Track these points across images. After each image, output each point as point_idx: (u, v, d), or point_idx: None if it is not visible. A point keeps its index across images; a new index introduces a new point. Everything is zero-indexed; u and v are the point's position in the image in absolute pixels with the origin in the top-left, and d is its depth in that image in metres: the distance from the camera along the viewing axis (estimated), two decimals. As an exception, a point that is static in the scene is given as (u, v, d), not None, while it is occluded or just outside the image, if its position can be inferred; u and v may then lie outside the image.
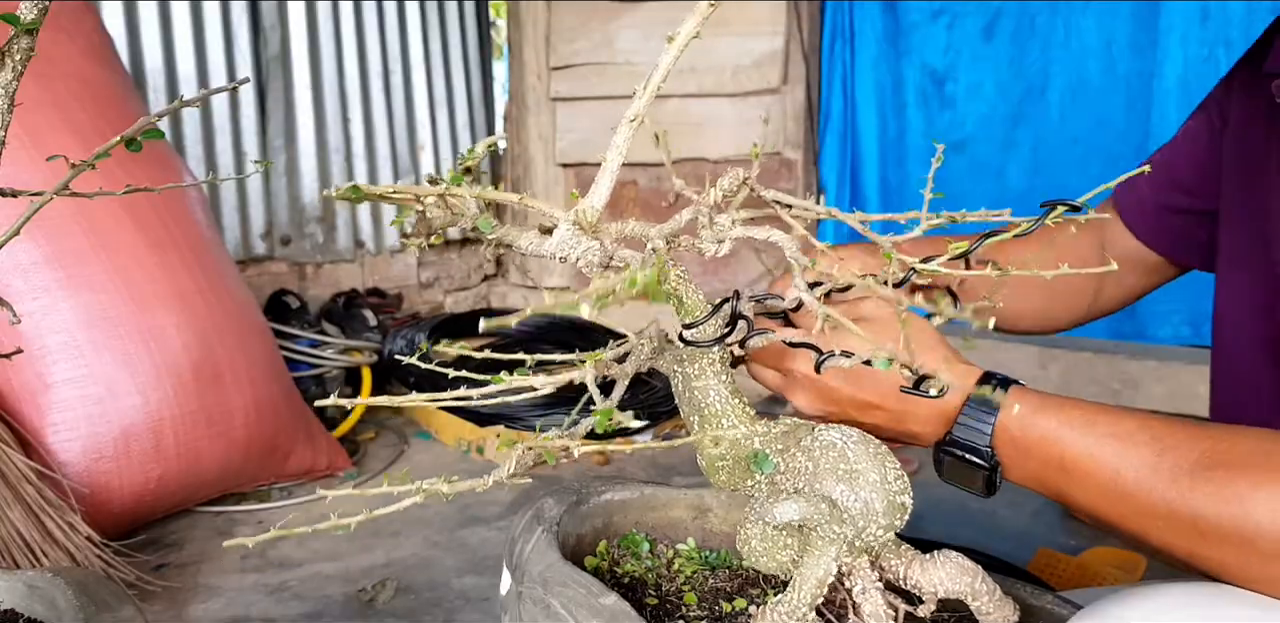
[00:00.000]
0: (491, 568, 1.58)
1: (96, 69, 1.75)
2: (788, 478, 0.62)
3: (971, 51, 2.53)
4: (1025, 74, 2.47)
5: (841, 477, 0.60)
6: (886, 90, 2.66)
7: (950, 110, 2.59)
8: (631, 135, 0.54)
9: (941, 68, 2.58)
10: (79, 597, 0.71)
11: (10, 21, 0.43)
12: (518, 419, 2.18)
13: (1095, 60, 2.37)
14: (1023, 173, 2.52)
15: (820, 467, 0.61)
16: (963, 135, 2.57)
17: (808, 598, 0.58)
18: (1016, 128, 2.50)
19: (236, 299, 1.80)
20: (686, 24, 0.51)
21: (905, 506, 0.60)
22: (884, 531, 0.60)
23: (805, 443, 0.62)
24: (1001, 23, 2.47)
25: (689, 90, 2.72)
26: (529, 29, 3.04)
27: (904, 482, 0.60)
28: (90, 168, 0.49)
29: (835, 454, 0.61)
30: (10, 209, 1.29)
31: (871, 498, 0.59)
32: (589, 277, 0.62)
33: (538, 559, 0.64)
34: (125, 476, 1.55)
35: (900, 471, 0.61)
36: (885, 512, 0.59)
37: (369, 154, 2.92)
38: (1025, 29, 2.44)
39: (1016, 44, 2.46)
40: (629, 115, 0.54)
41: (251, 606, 1.46)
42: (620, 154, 0.55)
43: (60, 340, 1.52)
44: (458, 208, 0.56)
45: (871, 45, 2.65)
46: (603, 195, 0.56)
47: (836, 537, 0.59)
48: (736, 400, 0.66)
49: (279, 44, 2.66)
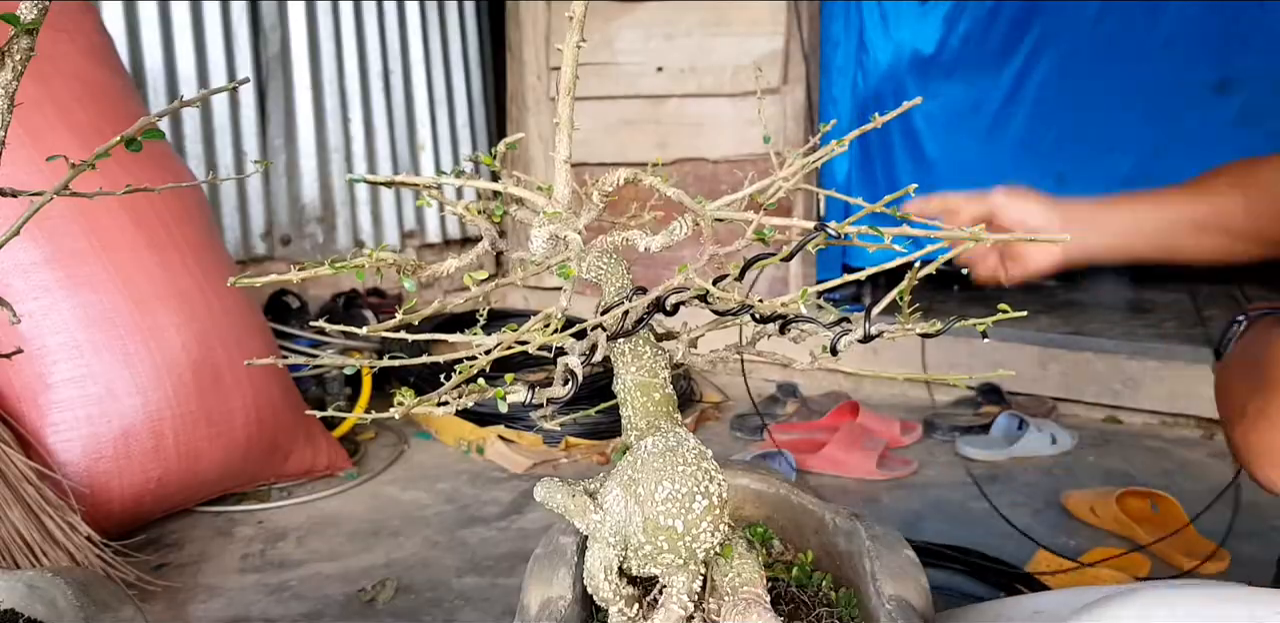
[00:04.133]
0: (491, 568, 1.58)
1: (96, 69, 1.75)
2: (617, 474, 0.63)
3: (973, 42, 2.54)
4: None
5: (623, 482, 0.60)
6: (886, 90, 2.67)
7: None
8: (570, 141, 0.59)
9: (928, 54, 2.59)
10: (79, 597, 0.71)
11: (10, 21, 0.43)
12: (517, 419, 2.18)
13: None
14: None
15: (620, 468, 0.62)
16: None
17: (594, 582, 0.61)
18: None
19: (236, 299, 1.80)
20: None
21: (671, 528, 0.58)
22: (653, 548, 0.59)
23: (639, 444, 0.63)
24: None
25: (689, 90, 2.72)
26: (529, 29, 3.04)
27: (682, 506, 0.58)
28: (90, 168, 0.49)
29: (632, 459, 0.61)
30: (10, 209, 1.29)
31: (633, 510, 0.59)
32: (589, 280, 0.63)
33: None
34: (125, 476, 1.55)
35: (693, 497, 0.59)
36: (644, 528, 0.59)
37: (369, 154, 2.92)
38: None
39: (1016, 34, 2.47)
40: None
41: (251, 606, 1.46)
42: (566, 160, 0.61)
43: (60, 340, 1.52)
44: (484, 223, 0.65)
45: (871, 42, 2.65)
46: (563, 193, 0.62)
47: (601, 540, 0.60)
48: (639, 392, 0.66)
49: (279, 44, 2.66)
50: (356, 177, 0.63)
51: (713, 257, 0.64)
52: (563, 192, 0.61)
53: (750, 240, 0.63)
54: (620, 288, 0.65)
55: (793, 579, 0.74)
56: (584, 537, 0.68)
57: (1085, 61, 2.73)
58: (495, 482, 2.00)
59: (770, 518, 0.81)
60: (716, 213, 0.62)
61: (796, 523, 0.79)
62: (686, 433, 0.64)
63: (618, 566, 0.60)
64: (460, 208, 0.67)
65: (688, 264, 0.61)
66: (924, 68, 2.70)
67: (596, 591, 0.60)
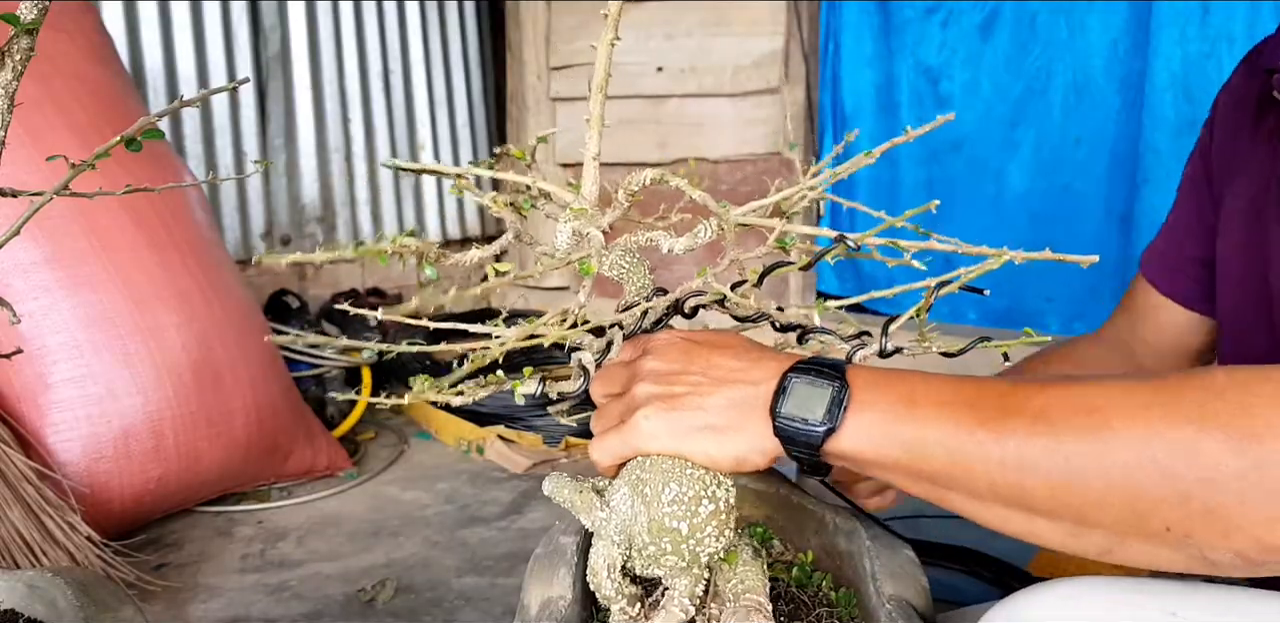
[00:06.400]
0: (491, 568, 1.58)
1: (96, 69, 1.75)
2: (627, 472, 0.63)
3: (967, 50, 2.53)
4: (1023, 73, 2.46)
5: (631, 481, 0.60)
6: (879, 89, 2.66)
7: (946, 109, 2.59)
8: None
9: (936, 66, 2.58)
10: (79, 597, 0.71)
11: (10, 21, 0.43)
12: (518, 419, 2.18)
13: (1097, 58, 2.36)
14: (1023, 173, 2.51)
15: (629, 467, 0.61)
16: (959, 135, 2.56)
17: (596, 579, 0.61)
18: (1015, 128, 2.50)
19: (236, 299, 1.80)
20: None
21: (676, 530, 0.58)
22: (657, 549, 0.59)
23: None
24: (999, 21, 2.47)
25: (689, 90, 2.72)
26: (529, 29, 3.04)
27: (688, 510, 0.58)
28: (90, 168, 0.49)
29: (641, 459, 0.61)
30: (10, 209, 1.29)
31: (639, 510, 0.59)
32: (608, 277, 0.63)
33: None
34: (125, 476, 1.55)
35: (699, 501, 0.59)
36: (649, 529, 0.59)
37: (369, 154, 2.92)
38: (1025, 27, 2.44)
39: (1015, 42, 2.46)
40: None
41: (251, 606, 1.46)
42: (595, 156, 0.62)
43: (60, 340, 1.52)
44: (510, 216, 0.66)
45: (863, 44, 2.65)
46: (591, 190, 0.62)
47: (606, 537, 0.61)
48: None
49: (279, 44, 2.66)
50: (390, 162, 0.64)
51: (733, 261, 0.64)
52: (591, 189, 0.61)
53: (771, 247, 0.63)
54: (641, 287, 0.65)
55: (793, 579, 0.74)
56: (585, 537, 0.68)
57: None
58: (495, 482, 2.00)
59: (770, 518, 0.81)
60: (741, 219, 0.62)
61: (796, 523, 0.79)
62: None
63: (621, 564, 0.60)
64: (487, 199, 0.67)
65: (707, 268, 0.61)
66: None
67: (599, 588, 0.60)
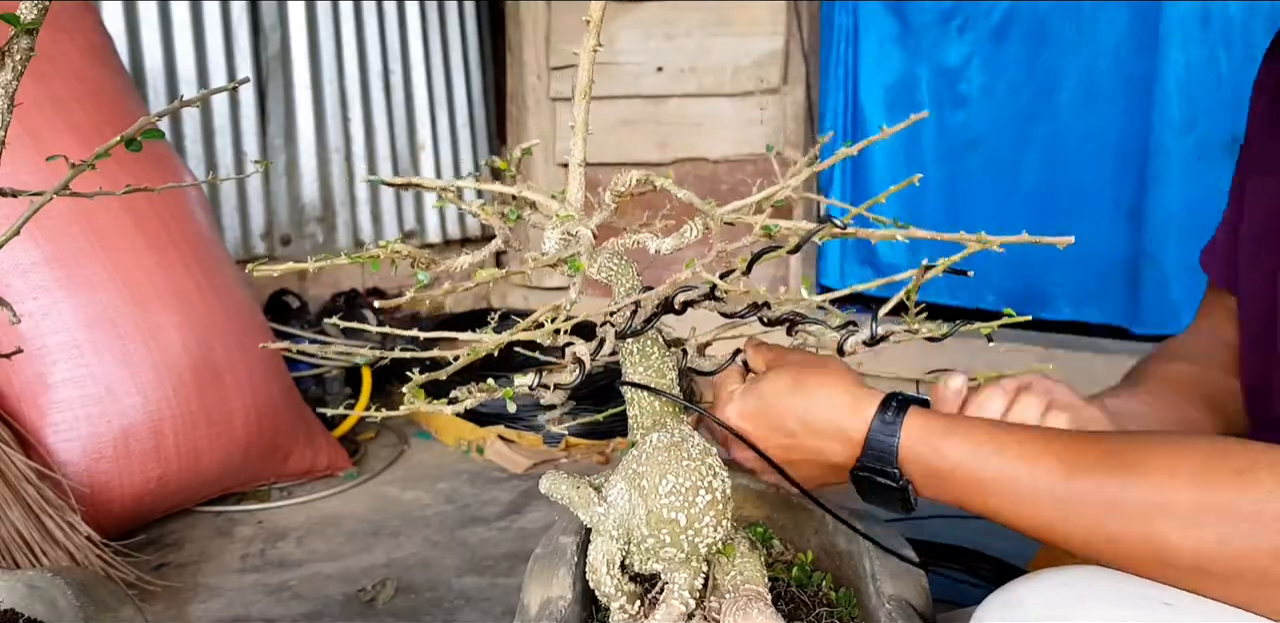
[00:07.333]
0: (491, 568, 1.58)
1: (96, 69, 1.75)
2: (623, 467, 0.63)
3: (984, 53, 2.52)
4: (1037, 75, 2.46)
5: (628, 475, 0.60)
6: (898, 91, 2.66)
7: (963, 110, 2.58)
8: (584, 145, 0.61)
9: (954, 68, 2.57)
10: (79, 597, 0.71)
11: (10, 21, 0.43)
12: (518, 419, 2.18)
13: (1106, 60, 2.36)
14: (1037, 170, 2.51)
15: (624, 462, 0.62)
16: (976, 135, 2.56)
17: (596, 576, 0.61)
18: (1029, 127, 2.49)
19: (236, 299, 1.80)
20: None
21: (674, 521, 0.58)
22: (656, 541, 0.59)
23: (644, 439, 0.63)
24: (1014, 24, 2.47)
25: (689, 90, 2.72)
26: (529, 29, 3.04)
27: (685, 500, 0.59)
28: (90, 168, 0.49)
29: (637, 453, 0.61)
30: (10, 209, 1.29)
31: (636, 503, 0.59)
32: (596, 279, 0.63)
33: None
34: (125, 476, 1.55)
35: (696, 492, 0.59)
36: (648, 521, 0.59)
37: (369, 154, 2.92)
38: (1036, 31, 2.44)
39: (1028, 45, 2.46)
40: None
41: (251, 606, 1.46)
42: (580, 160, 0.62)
43: (60, 340, 1.52)
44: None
45: (878, 46, 2.64)
46: (577, 196, 0.63)
47: (605, 533, 0.61)
48: (645, 392, 0.66)
49: (279, 44, 2.66)
50: (374, 178, 0.65)
51: (720, 253, 0.64)
52: (576, 195, 0.62)
53: (757, 236, 0.64)
54: (630, 288, 0.66)
55: (793, 579, 0.74)
56: (584, 537, 0.68)
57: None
58: (495, 482, 2.00)
59: (770, 518, 0.81)
60: (727, 216, 0.62)
61: (796, 523, 0.79)
62: (691, 430, 0.65)
63: (620, 560, 0.61)
64: (476, 207, 0.68)
65: (694, 260, 0.62)
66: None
67: (598, 585, 0.60)
